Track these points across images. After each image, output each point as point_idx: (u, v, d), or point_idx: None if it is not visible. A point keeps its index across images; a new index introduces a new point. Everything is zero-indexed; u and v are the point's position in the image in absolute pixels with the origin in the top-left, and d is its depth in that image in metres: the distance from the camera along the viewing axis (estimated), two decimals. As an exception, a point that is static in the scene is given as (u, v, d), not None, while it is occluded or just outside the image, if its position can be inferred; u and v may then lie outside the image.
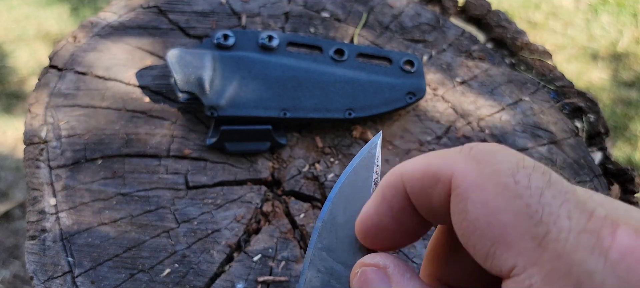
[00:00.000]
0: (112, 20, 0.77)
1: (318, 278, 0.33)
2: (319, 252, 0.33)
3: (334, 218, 0.34)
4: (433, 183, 0.29)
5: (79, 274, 0.55)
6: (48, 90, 0.69)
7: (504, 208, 0.26)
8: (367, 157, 0.34)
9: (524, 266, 0.25)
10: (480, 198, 0.27)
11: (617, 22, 2.06)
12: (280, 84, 0.67)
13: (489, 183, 0.27)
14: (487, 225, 0.26)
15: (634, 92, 1.83)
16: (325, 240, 0.33)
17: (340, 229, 0.34)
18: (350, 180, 0.34)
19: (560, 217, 0.25)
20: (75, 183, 0.61)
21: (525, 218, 0.25)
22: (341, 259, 0.33)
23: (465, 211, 0.27)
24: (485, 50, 0.78)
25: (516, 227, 0.25)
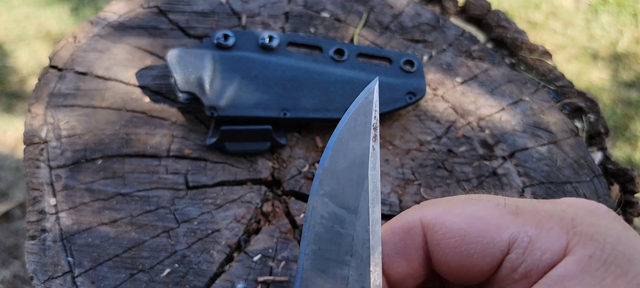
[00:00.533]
0: (112, 20, 0.77)
1: (322, 224, 0.33)
2: (320, 198, 0.33)
3: (335, 164, 0.34)
4: (405, 236, 0.33)
5: (79, 274, 0.55)
6: (48, 90, 0.69)
7: (476, 210, 0.31)
8: (364, 103, 0.35)
9: (518, 231, 0.29)
10: (455, 214, 0.32)
11: (617, 22, 2.06)
12: (280, 84, 0.67)
13: (454, 205, 0.33)
14: (472, 227, 0.31)
15: (634, 92, 1.83)
16: (326, 186, 0.33)
17: (342, 175, 0.33)
18: (349, 127, 0.34)
19: (518, 200, 0.31)
20: (75, 183, 0.61)
21: (494, 207, 0.31)
22: (344, 204, 0.33)
23: (449, 232, 0.31)
24: (485, 50, 0.78)
25: (494, 214, 0.31)
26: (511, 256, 0.29)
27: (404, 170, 0.65)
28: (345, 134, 0.34)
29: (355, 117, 0.34)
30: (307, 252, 0.33)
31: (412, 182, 0.64)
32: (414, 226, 0.32)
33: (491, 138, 0.68)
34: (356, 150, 0.34)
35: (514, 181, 0.64)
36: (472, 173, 0.65)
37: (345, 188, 0.33)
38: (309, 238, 0.33)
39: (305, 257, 0.33)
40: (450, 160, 0.66)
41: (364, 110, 0.35)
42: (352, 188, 0.33)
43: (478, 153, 0.67)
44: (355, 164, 0.33)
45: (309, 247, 0.33)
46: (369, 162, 0.34)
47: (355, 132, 0.34)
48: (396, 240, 0.33)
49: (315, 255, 0.33)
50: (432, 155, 0.67)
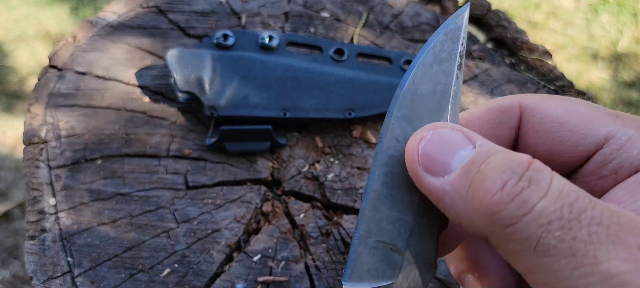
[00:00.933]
0: (111, 20, 0.77)
1: (395, 147, 0.32)
2: (398, 120, 0.32)
3: (416, 88, 0.32)
4: (499, 114, 0.33)
5: (79, 274, 0.55)
6: (48, 90, 0.69)
7: (576, 106, 0.31)
8: (453, 28, 0.33)
9: (617, 129, 0.29)
10: (555, 104, 0.31)
11: (617, 21, 2.06)
12: (280, 83, 0.67)
13: (555, 98, 0.32)
14: (570, 116, 0.31)
15: (634, 92, 1.83)
16: (405, 109, 0.32)
17: (421, 99, 0.32)
18: (435, 50, 0.33)
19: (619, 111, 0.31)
20: (75, 183, 0.61)
21: (595, 107, 0.31)
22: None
23: (547, 116, 0.32)
24: (485, 50, 0.78)
25: (595, 112, 0.30)
26: (605, 150, 0.29)
27: (404, 170, 0.65)
28: (430, 57, 0.32)
29: (442, 41, 0.33)
30: (377, 174, 0.32)
31: (412, 182, 0.64)
32: (512, 106, 0.32)
33: (491, 138, 0.68)
34: (439, 76, 0.32)
35: (514, 181, 0.64)
36: (472, 173, 0.65)
37: (424, 113, 0.32)
38: (381, 159, 0.32)
39: (376, 177, 0.32)
40: (450, 160, 0.66)
41: (451, 36, 0.33)
42: (430, 114, 0.32)
43: (478, 153, 0.67)
44: (437, 91, 0.32)
45: (380, 168, 0.32)
46: (451, 90, 0.32)
47: (440, 58, 0.33)
48: (491, 116, 0.33)
49: (386, 176, 0.32)
50: (432, 155, 0.66)
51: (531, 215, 0.24)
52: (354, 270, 0.33)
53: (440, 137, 0.29)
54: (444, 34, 0.33)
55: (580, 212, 0.24)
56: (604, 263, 0.23)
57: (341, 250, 0.57)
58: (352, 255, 0.32)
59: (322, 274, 0.56)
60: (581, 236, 0.23)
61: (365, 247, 0.32)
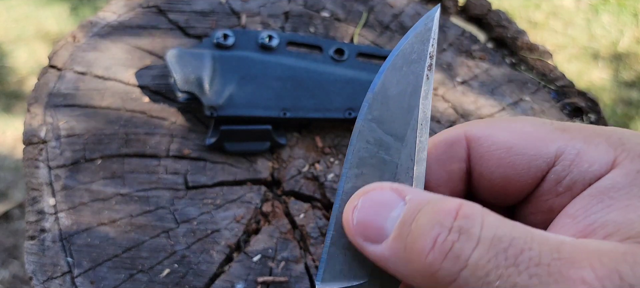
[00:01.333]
0: (111, 20, 0.77)
1: (366, 149, 0.33)
2: (368, 123, 0.33)
3: (386, 90, 0.33)
4: (447, 148, 0.33)
5: (78, 274, 0.55)
6: (47, 90, 0.69)
7: (522, 126, 0.31)
8: (423, 30, 0.33)
9: (565, 144, 0.29)
10: (502, 128, 0.31)
11: (617, 21, 2.06)
12: (280, 83, 0.67)
13: (501, 122, 0.32)
14: (518, 140, 0.30)
15: (634, 92, 1.83)
16: (375, 111, 0.33)
17: (392, 101, 0.33)
18: (404, 53, 0.33)
19: (566, 122, 0.30)
20: (75, 184, 0.61)
21: (541, 124, 0.31)
22: (391, 131, 0.33)
23: (495, 144, 0.31)
24: (485, 50, 0.78)
25: (541, 131, 0.30)
26: (557, 168, 0.29)
27: (404, 170, 0.65)
28: (400, 60, 0.33)
29: (412, 43, 0.33)
30: (349, 175, 0.33)
31: (412, 182, 0.64)
32: (458, 139, 0.32)
33: (492, 138, 0.68)
34: (409, 77, 0.33)
35: (515, 181, 0.64)
36: (473, 174, 0.65)
37: (394, 115, 0.33)
38: (352, 161, 0.33)
39: (347, 179, 0.33)
40: (450, 160, 0.66)
41: (421, 38, 0.33)
42: (401, 115, 0.33)
43: (478, 153, 0.66)
44: (407, 92, 0.33)
45: (351, 170, 0.33)
46: (421, 91, 0.33)
47: (410, 59, 0.33)
48: (438, 153, 0.33)
49: (357, 178, 0.33)
50: (432, 155, 0.66)
51: (467, 270, 0.24)
52: (327, 271, 0.33)
53: (371, 202, 0.29)
54: (415, 36, 0.33)
55: (517, 255, 0.23)
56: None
57: (341, 251, 0.57)
58: (324, 256, 0.33)
59: (322, 274, 0.56)
60: (522, 282, 0.23)
61: (338, 247, 0.32)
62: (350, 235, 0.29)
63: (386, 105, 0.33)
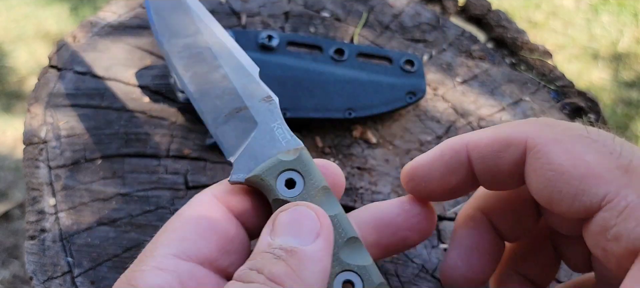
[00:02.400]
0: (111, 20, 0.77)
1: (180, 56, 0.44)
2: (167, 40, 0.45)
3: (161, 10, 0.48)
4: (503, 147, 0.32)
5: (79, 274, 0.55)
6: (47, 90, 0.69)
7: (585, 151, 0.29)
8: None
9: (617, 191, 0.27)
10: (561, 147, 0.30)
11: (617, 21, 2.06)
12: (280, 83, 0.67)
13: (566, 136, 0.30)
14: (573, 167, 0.29)
15: (634, 92, 1.83)
16: (166, 33, 0.46)
17: (169, 14, 0.47)
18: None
19: (636, 152, 0.28)
20: (75, 184, 0.61)
21: (606, 155, 0.29)
22: (185, 33, 0.45)
23: (549, 162, 0.30)
24: (485, 50, 0.78)
25: (601, 163, 0.28)
26: (604, 214, 0.28)
27: (404, 170, 0.65)
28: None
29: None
30: (187, 81, 0.42)
31: (412, 182, 0.64)
32: (517, 141, 0.32)
33: (492, 138, 0.68)
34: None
35: (515, 181, 0.64)
36: (473, 173, 0.65)
37: (179, 25, 0.44)
38: (180, 72, 0.42)
39: (188, 84, 0.42)
40: (450, 160, 0.66)
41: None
42: (184, 21, 0.44)
43: (478, 153, 0.67)
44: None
45: (185, 77, 0.42)
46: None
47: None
48: (493, 150, 0.33)
49: (193, 77, 0.42)
50: (432, 155, 0.66)
51: None
52: (226, 149, 0.40)
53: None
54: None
55: None
56: None
57: (341, 251, 0.57)
58: (217, 141, 0.41)
59: (322, 274, 0.56)
60: None
61: (219, 125, 0.40)
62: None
63: (166, 20, 0.45)
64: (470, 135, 0.35)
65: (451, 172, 0.35)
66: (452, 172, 0.35)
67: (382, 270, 0.56)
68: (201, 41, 0.43)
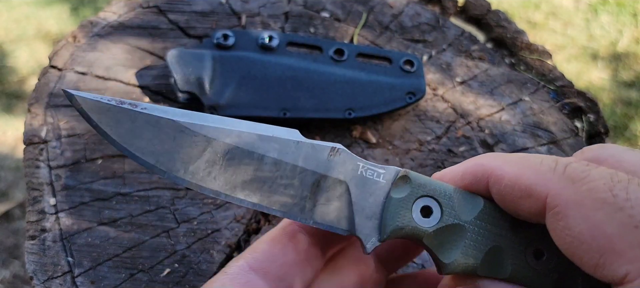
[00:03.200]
0: (112, 20, 0.77)
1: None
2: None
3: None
4: (524, 195, 0.31)
5: (79, 274, 0.55)
6: (48, 90, 0.69)
7: (607, 221, 0.27)
8: None
9: (638, 272, 0.26)
10: (581, 214, 0.27)
11: (616, 22, 2.06)
12: (280, 84, 0.67)
13: (588, 199, 0.28)
14: (592, 238, 0.27)
15: (633, 92, 1.84)
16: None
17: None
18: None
19: None
20: (75, 183, 0.62)
21: (629, 228, 0.26)
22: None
23: (568, 227, 0.28)
24: (485, 50, 0.78)
25: (623, 237, 0.26)
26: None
27: (404, 170, 0.65)
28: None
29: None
30: (256, 199, 0.34)
31: (411, 182, 0.64)
32: (538, 194, 0.30)
33: (491, 138, 0.68)
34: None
35: (514, 181, 0.64)
36: (472, 173, 0.65)
37: (188, 153, 0.35)
38: (241, 196, 0.34)
39: (257, 201, 0.34)
40: (450, 160, 0.66)
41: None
42: (189, 141, 0.35)
43: (478, 154, 0.67)
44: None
45: (251, 198, 0.34)
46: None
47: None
48: (514, 195, 0.32)
49: (250, 186, 0.34)
50: (432, 155, 0.67)
51: None
52: (340, 230, 0.35)
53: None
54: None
55: None
56: None
57: (341, 250, 0.58)
58: (324, 228, 0.35)
59: (322, 274, 0.56)
60: None
61: (311, 212, 0.35)
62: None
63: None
64: (493, 167, 0.33)
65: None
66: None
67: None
68: (221, 148, 0.35)
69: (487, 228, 0.33)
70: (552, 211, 0.29)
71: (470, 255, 0.33)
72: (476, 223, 0.33)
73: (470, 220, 0.34)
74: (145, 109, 0.35)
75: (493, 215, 0.33)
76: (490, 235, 0.33)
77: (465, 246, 0.33)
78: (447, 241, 0.34)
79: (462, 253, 0.33)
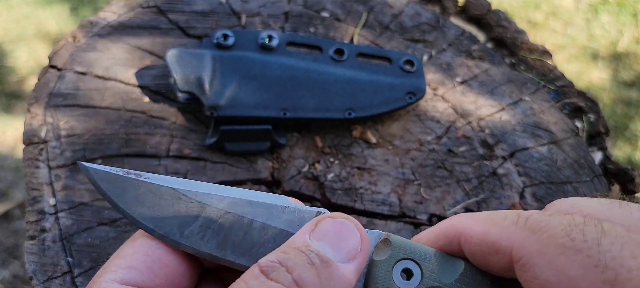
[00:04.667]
0: (111, 20, 0.77)
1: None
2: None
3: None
4: (492, 252, 0.32)
5: (79, 274, 0.55)
6: (47, 90, 0.69)
7: (569, 265, 0.28)
8: None
9: None
10: (545, 261, 0.29)
11: (617, 21, 2.06)
12: (280, 83, 0.67)
13: (549, 246, 0.29)
14: (558, 283, 0.28)
15: (634, 92, 1.83)
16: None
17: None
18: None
19: (624, 258, 0.27)
20: (75, 184, 0.61)
21: (590, 268, 0.27)
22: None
23: (536, 277, 0.29)
24: (485, 50, 0.78)
25: (585, 278, 0.27)
26: None
27: (404, 170, 0.65)
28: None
29: None
30: (244, 261, 0.35)
31: (412, 182, 0.64)
32: (503, 250, 0.32)
33: (491, 138, 0.68)
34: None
35: (514, 181, 0.64)
36: (472, 173, 0.65)
37: (179, 215, 0.37)
38: (230, 258, 0.36)
39: (245, 261, 0.35)
40: (450, 160, 0.66)
41: None
42: (178, 206, 0.37)
43: (478, 153, 0.67)
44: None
45: (239, 259, 0.35)
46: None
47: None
48: (483, 252, 0.33)
49: (239, 248, 0.36)
50: (432, 155, 0.66)
51: None
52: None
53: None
54: None
55: None
56: None
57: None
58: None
59: (322, 274, 0.56)
60: None
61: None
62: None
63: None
64: (464, 227, 0.34)
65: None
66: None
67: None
68: (214, 214, 0.37)
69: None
70: (518, 263, 0.30)
71: None
72: (457, 286, 0.34)
73: (451, 282, 0.34)
74: (148, 179, 0.38)
75: (473, 278, 0.34)
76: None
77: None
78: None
79: None
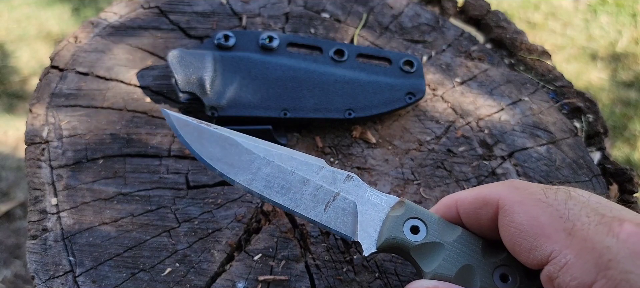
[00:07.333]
0: (113, 21, 0.78)
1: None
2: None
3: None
4: (482, 205, 0.41)
5: (80, 273, 0.56)
6: (49, 90, 0.70)
7: (541, 213, 0.36)
8: None
9: (560, 250, 0.35)
10: (523, 209, 0.37)
11: (616, 22, 2.07)
12: (281, 84, 0.67)
13: (527, 199, 0.38)
14: (529, 226, 0.36)
15: (632, 92, 1.84)
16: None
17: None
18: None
19: (581, 216, 0.35)
20: (77, 183, 0.62)
21: (556, 218, 0.36)
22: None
23: (512, 221, 0.38)
24: (484, 51, 0.78)
25: (551, 225, 0.36)
26: (549, 268, 0.35)
27: (404, 170, 0.66)
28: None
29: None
30: (280, 201, 0.46)
31: (411, 181, 0.65)
32: (491, 201, 0.40)
33: (490, 138, 0.68)
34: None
35: (513, 181, 0.65)
36: (472, 173, 0.65)
37: (233, 157, 0.49)
38: (266, 194, 0.47)
39: (282, 203, 0.47)
40: (449, 160, 0.66)
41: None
42: (231, 152, 0.49)
43: (477, 153, 0.67)
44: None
45: (277, 199, 0.47)
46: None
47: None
48: (477, 206, 0.41)
49: (280, 194, 0.47)
50: (431, 155, 0.67)
51: None
52: (345, 233, 0.46)
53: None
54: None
55: None
56: None
57: (341, 249, 0.58)
58: (330, 228, 0.46)
59: (322, 273, 0.56)
60: None
61: (324, 215, 0.46)
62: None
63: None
64: (459, 194, 0.43)
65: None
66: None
67: (382, 268, 0.56)
68: (264, 163, 0.48)
69: (462, 250, 0.42)
70: (502, 210, 0.39)
71: (446, 268, 0.42)
72: (454, 245, 0.42)
73: (450, 241, 0.43)
74: (217, 129, 0.49)
75: (468, 241, 0.43)
76: (465, 255, 0.42)
77: (444, 260, 0.42)
78: (429, 254, 0.43)
79: (440, 266, 0.42)
